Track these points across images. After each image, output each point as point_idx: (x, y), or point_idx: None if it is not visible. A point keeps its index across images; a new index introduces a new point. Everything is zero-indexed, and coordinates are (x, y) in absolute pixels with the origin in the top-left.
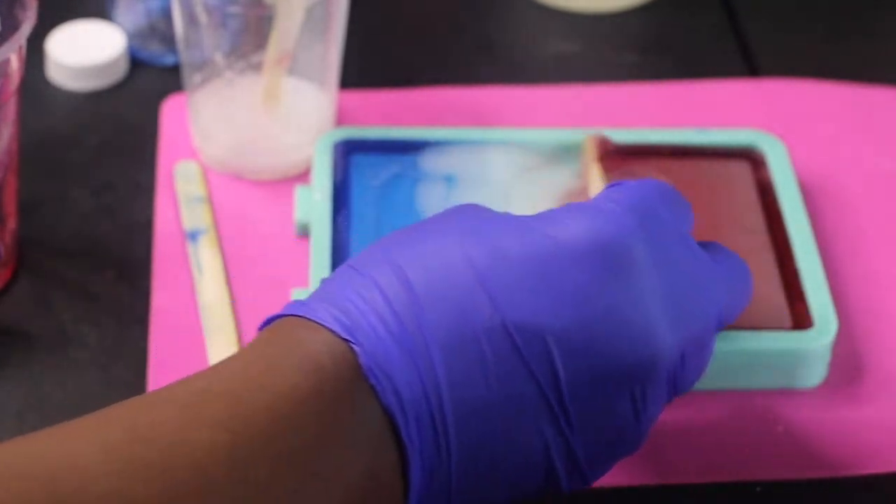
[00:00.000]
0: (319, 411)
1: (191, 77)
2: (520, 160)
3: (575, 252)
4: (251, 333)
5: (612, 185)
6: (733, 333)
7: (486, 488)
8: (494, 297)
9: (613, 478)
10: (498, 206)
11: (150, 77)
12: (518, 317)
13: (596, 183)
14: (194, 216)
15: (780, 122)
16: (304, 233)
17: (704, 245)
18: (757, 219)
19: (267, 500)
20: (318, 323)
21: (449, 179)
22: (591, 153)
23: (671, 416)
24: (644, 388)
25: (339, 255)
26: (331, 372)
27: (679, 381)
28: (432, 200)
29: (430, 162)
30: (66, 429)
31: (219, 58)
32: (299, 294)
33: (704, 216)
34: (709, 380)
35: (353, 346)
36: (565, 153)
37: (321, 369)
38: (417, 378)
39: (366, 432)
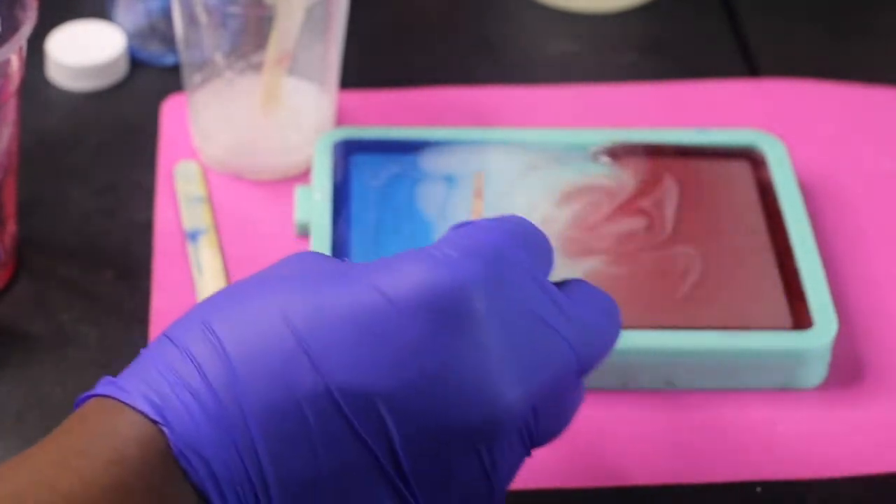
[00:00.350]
0: None
1: (191, 77)
2: (520, 160)
3: (403, 307)
4: None
5: (457, 227)
6: (733, 333)
7: None
8: (315, 359)
9: (613, 478)
10: (498, 206)
11: (150, 77)
12: (342, 380)
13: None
14: (194, 216)
15: (780, 122)
16: (304, 233)
17: (565, 284)
18: (757, 219)
19: None
20: (127, 404)
21: (449, 179)
22: (476, 188)
23: (671, 416)
24: (491, 448)
25: (338, 255)
26: (136, 461)
27: (537, 433)
28: (432, 200)
29: (429, 162)
30: None
31: (219, 58)
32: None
33: (704, 216)
34: (709, 380)
35: (163, 428)
36: (565, 153)
37: (125, 459)
38: (237, 456)
39: None
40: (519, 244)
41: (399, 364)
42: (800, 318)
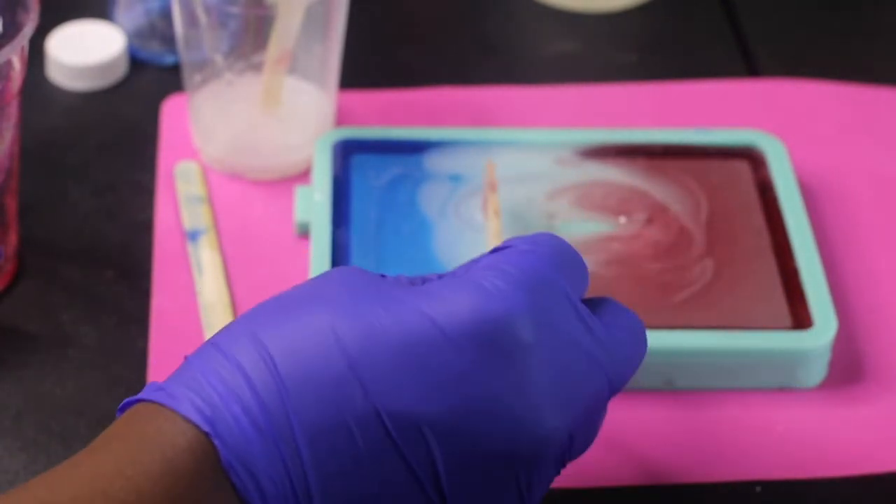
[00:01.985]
0: None
1: (191, 77)
2: (520, 160)
3: (454, 337)
4: None
5: (499, 251)
6: (733, 333)
7: None
8: (366, 383)
9: (613, 478)
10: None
11: (150, 77)
12: (391, 404)
13: (493, 220)
14: (194, 216)
15: (780, 122)
16: (304, 233)
17: (595, 303)
18: (757, 219)
19: None
20: (177, 412)
21: (448, 179)
22: (489, 181)
23: (671, 415)
24: (530, 474)
25: (338, 255)
26: (187, 471)
27: (568, 457)
28: (432, 200)
29: (429, 162)
30: None
31: (219, 58)
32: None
33: (705, 216)
34: (709, 380)
35: (214, 439)
36: (565, 153)
37: (176, 469)
38: (284, 472)
39: None
40: (557, 267)
41: (447, 392)
42: (800, 317)
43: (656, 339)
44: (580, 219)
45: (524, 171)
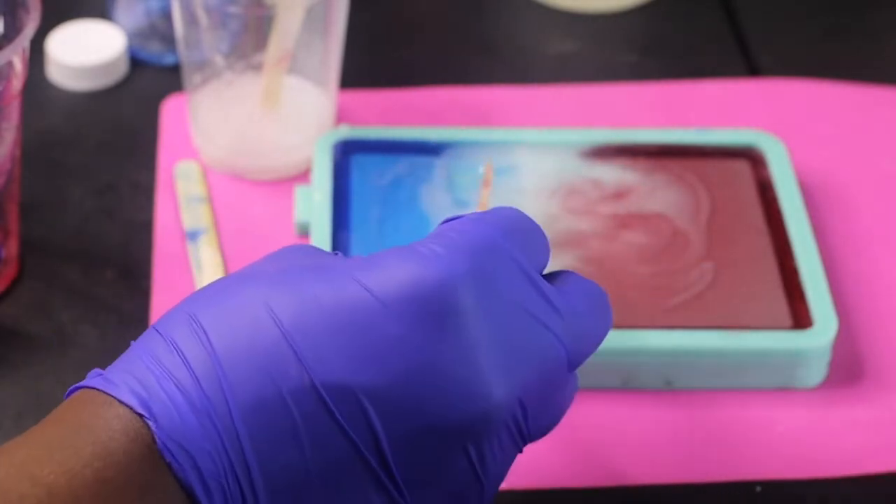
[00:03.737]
0: (100, 502)
1: (191, 77)
2: (520, 160)
3: (388, 303)
4: None
5: (448, 220)
6: (733, 333)
7: None
8: (300, 353)
9: (613, 478)
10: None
11: (150, 77)
12: (327, 375)
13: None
14: (194, 216)
15: (780, 122)
16: (304, 233)
17: (555, 276)
18: (757, 218)
19: None
20: (114, 397)
21: (448, 179)
22: (486, 178)
23: (671, 415)
24: (479, 444)
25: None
26: (121, 453)
27: (528, 429)
28: (432, 200)
29: (429, 162)
30: None
31: (219, 58)
32: None
33: (705, 216)
34: (709, 380)
35: (148, 421)
36: (565, 153)
37: (109, 452)
38: (222, 450)
39: None
40: (509, 236)
41: (384, 360)
42: (800, 317)
43: (656, 339)
44: (577, 218)
45: (523, 171)
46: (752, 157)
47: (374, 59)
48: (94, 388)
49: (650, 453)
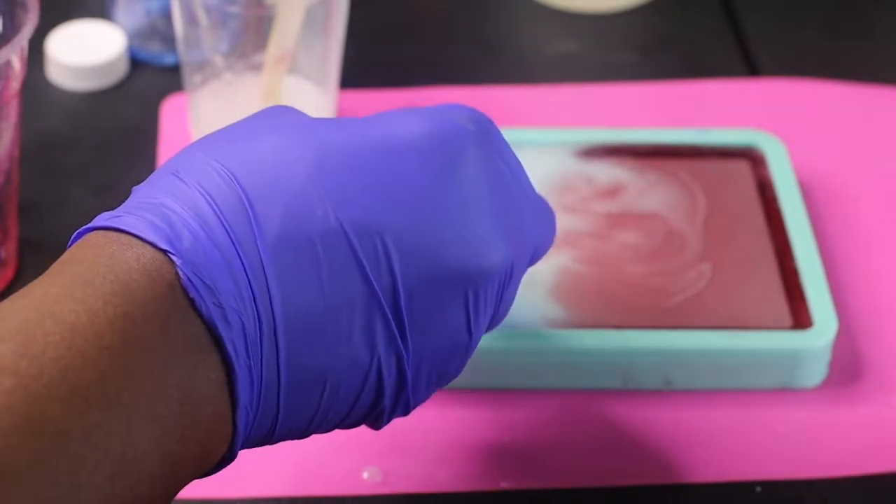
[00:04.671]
0: (123, 337)
1: (191, 77)
2: (519, 160)
3: (410, 149)
4: None
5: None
6: (733, 333)
7: (312, 406)
8: (328, 195)
9: (613, 478)
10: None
11: (150, 77)
12: (353, 215)
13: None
14: None
15: (780, 122)
16: None
17: None
18: (757, 218)
19: (64, 441)
20: (131, 234)
21: None
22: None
23: (671, 415)
24: (477, 296)
25: None
26: (141, 290)
27: (502, 302)
28: None
29: None
30: None
31: (219, 58)
32: None
33: (705, 216)
34: (709, 380)
35: (172, 256)
36: (565, 153)
37: (129, 290)
38: (246, 286)
39: (182, 352)
40: (496, 129)
41: (407, 204)
42: (800, 317)
43: (656, 339)
44: (572, 217)
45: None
46: (751, 157)
47: (374, 59)
48: (107, 229)
49: (650, 453)
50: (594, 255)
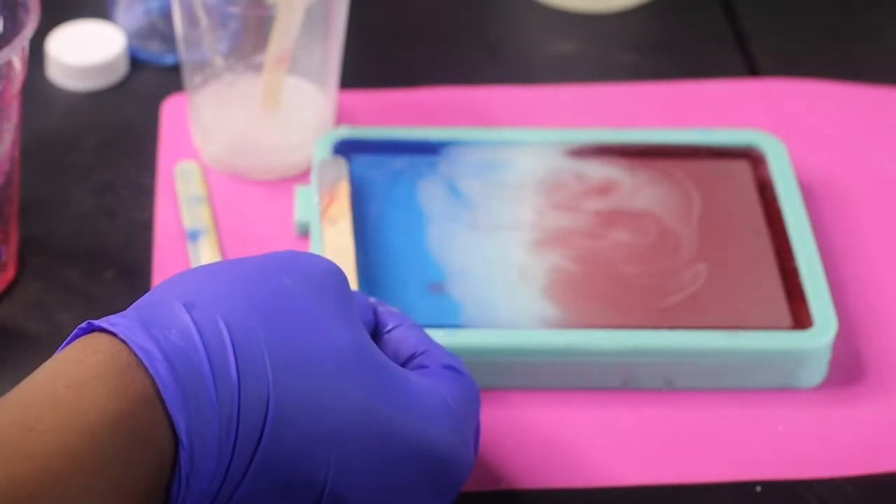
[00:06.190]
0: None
1: (191, 77)
2: (519, 159)
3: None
4: None
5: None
6: (733, 333)
7: None
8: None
9: (613, 479)
10: (497, 205)
11: (150, 77)
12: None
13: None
14: (194, 216)
15: (780, 122)
16: (304, 233)
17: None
18: (757, 219)
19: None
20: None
21: (449, 179)
22: None
23: (671, 415)
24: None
25: None
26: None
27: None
28: (432, 200)
29: (429, 162)
30: None
31: (219, 58)
32: None
33: (705, 216)
34: (709, 380)
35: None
36: (565, 153)
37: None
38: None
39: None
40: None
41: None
42: (800, 317)
43: (656, 339)
44: (565, 215)
45: (524, 171)
46: (751, 157)
47: (374, 59)
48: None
49: (650, 453)
50: (587, 253)
